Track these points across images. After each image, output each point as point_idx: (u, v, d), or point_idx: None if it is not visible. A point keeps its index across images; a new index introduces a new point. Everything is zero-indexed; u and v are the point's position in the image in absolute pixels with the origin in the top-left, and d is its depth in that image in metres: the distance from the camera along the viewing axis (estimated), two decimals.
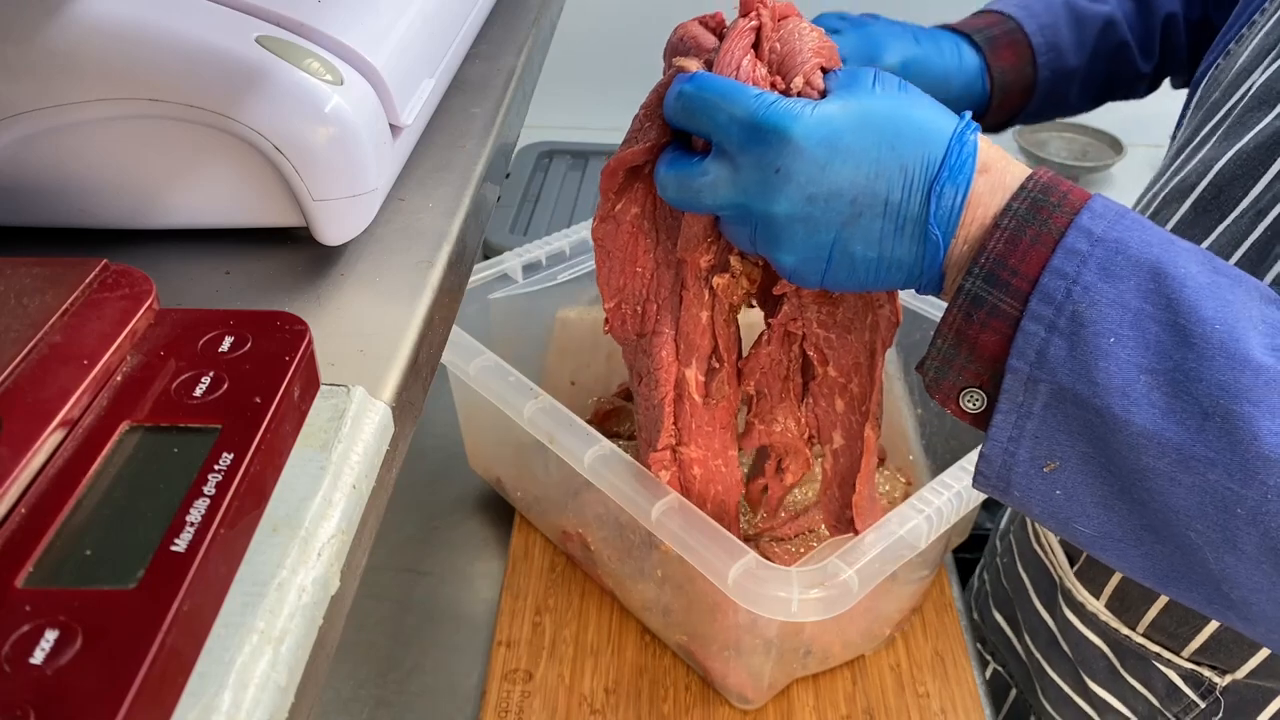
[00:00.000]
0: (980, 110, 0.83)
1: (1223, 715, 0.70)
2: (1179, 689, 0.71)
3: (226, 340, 0.30)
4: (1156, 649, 0.71)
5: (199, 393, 0.28)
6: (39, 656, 0.21)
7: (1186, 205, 0.66)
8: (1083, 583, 0.75)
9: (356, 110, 0.37)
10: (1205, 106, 0.70)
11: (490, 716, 0.77)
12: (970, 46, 0.82)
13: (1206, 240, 0.64)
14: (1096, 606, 0.74)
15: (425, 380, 0.38)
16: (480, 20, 0.56)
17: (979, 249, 0.44)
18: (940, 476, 0.69)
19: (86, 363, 0.27)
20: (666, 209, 0.59)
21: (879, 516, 0.65)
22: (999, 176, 0.45)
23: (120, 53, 0.35)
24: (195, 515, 0.24)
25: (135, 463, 0.26)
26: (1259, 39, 0.67)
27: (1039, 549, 0.81)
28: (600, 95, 1.78)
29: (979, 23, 0.84)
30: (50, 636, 0.21)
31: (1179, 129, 0.75)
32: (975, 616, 0.93)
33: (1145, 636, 0.71)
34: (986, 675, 0.89)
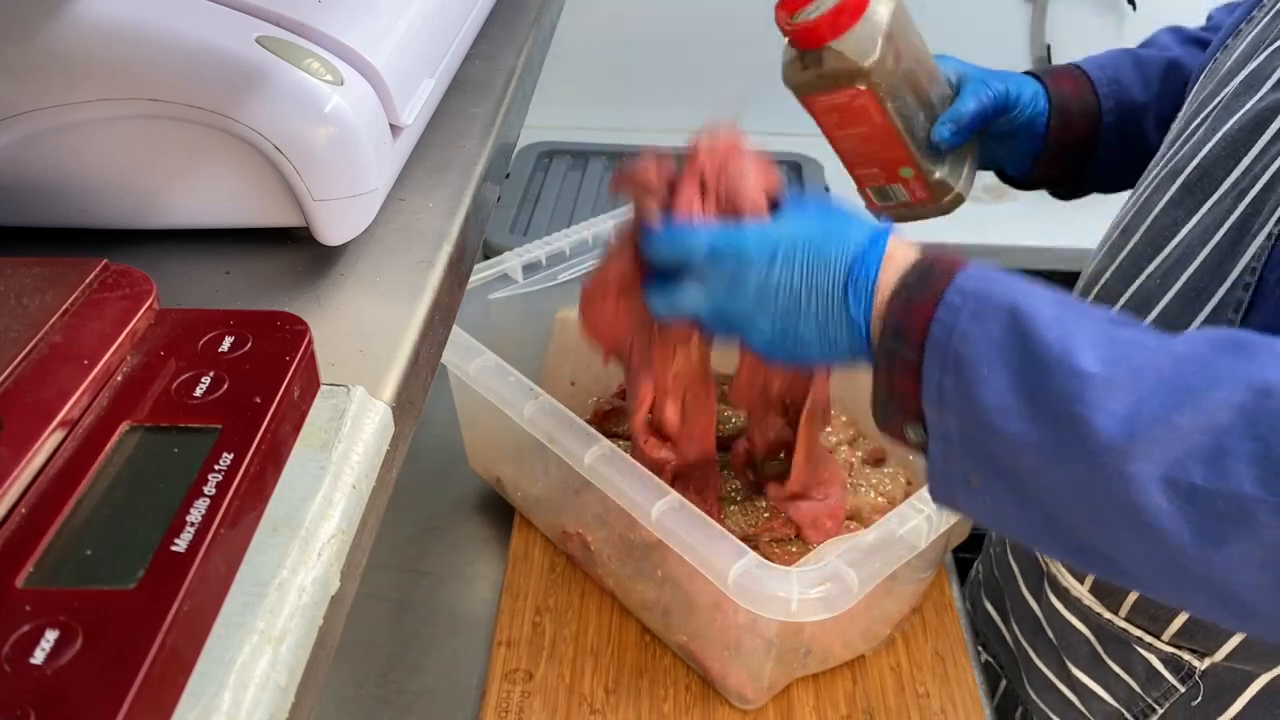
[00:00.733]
0: (1042, 132, 0.86)
1: (1201, 700, 0.70)
2: (1159, 673, 0.72)
3: (226, 340, 0.30)
4: (1138, 633, 0.72)
5: (199, 393, 0.28)
6: (39, 656, 0.21)
7: (1175, 188, 0.68)
8: (1067, 567, 0.76)
9: (356, 110, 0.37)
10: (1200, 98, 0.71)
11: (490, 716, 0.77)
12: (1030, 77, 0.86)
13: (1191, 221, 0.65)
14: (1081, 591, 0.74)
15: (425, 380, 0.38)
16: (480, 20, 0.56)
17: (884, 314, 0.55)
18: None
19: (87, 363, 0.27)
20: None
21: (835, 479, 0.78)
22: (902, 263, 0.56)
23: (120, 53, 0.35)
24: (195, 515, 0.24)
25: (135, 463, 0.26)
26: (1254, 34, 0.69)
27: None
28: (600, 95, 1.78)
29: (1036, 69, 0.88)
30: (50, 636, 0.21)
31: (1177, 120, 0.76)
32: (969, 607, 0.94)
33: (1127, 620, 0.72)
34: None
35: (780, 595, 0.60)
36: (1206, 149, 0.66)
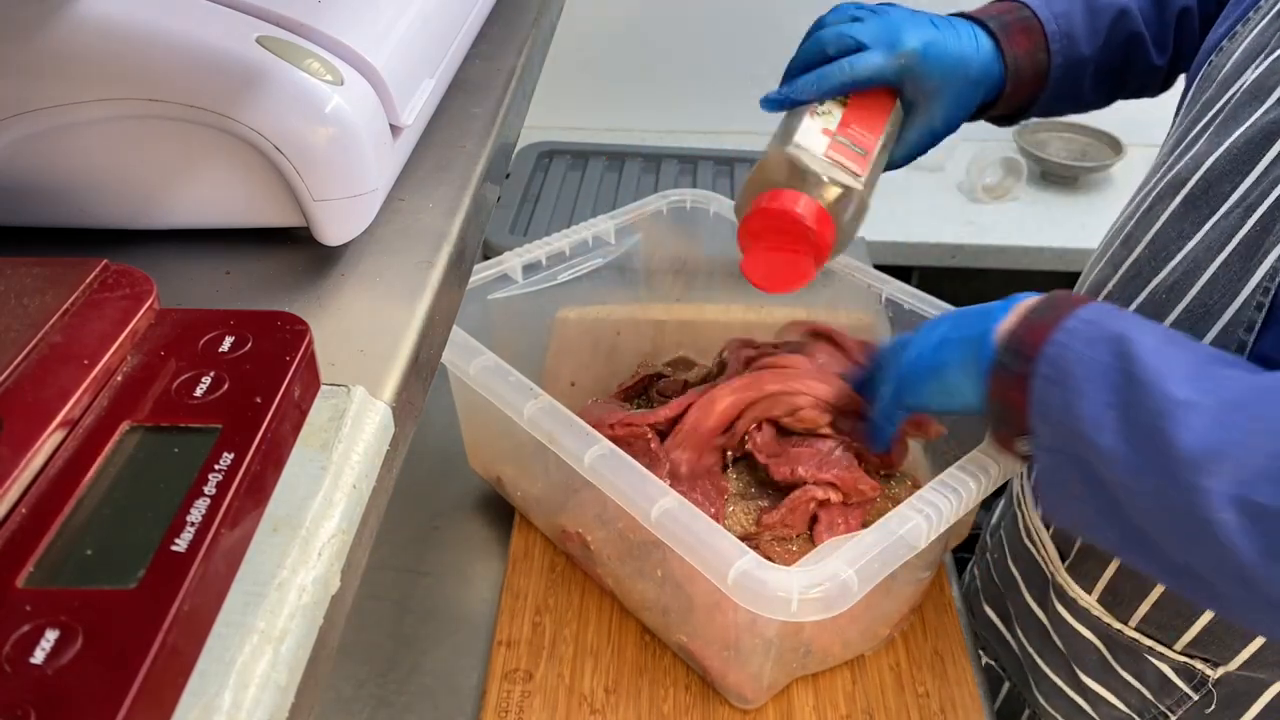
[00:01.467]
0: (994, 95, 0.82)
1: (1215, 707, 0.70)
2: (1171, 681, 0.71)
3: (227, 340, 0.30)
4: (1149, 642, 0.71)
5: (199, 393, 0.28)
6: (39, 656, 0.21)
7: (1178, 199, 0.67)
8: (1074, 578, 0.75)
9: (356, 110, 0.37)
10: (1199, 104, 0.70)
11: (490, 716, 0.77)
12: (985, 32, 0.81)
13: (1197, 235, 0.64)
14: (1089, 601, 0.74)
15: (425, 380, 0.38)
16: (480, 20, 0.56)
17: (1010, 334, 0.60)
18: (940, 477, 0.69)
19: (87, 363, 0.27)
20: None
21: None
22: (1032, 302, 0.62)
23: (120, 53, 0.35)
24: (195, 515, 0.24)
25: (136, 463, 0.26)
26: (1253, 36, 0.67)
27: (1030, 544, 0.81)
28: (600, 95, 1.78)
29: (994, 10, 0.83)
30: (50, 636, 0.21)
31: (1174, 125, 0.76)
32: (967, 610, 0.94)
33: (1137, 630, 0.71)
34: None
35: (780, 595, 0.60)
36: (1211, 160, 0.65)
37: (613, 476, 0.69)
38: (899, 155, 0.82)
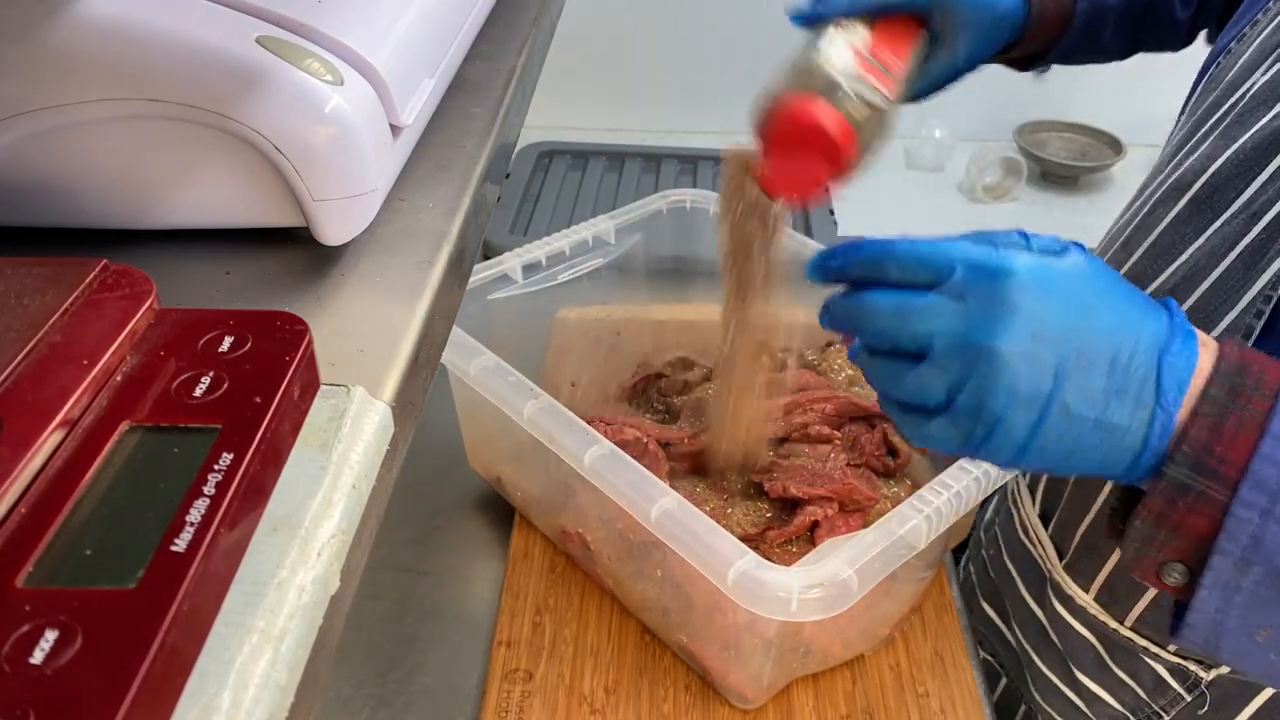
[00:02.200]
0: (1017, 34, 0.79)
1: (1208, 709, 0.70)
2: (1165, 682, 0.71)
3: (226, 340, 0.30)
4: (1144, 642, 0.71)
5: (199, 393, 0.28)
6: (39, 656, 0.21)
7: (1182, 203, 0.66)
8: (1072, 576, 0.75)
9: (356, 110, 0.37)
10: (1205, 105, 0.70)
11: (490, 716, 0.77)
12: None
13: (1199, 240, 0.64)
14: (1086, 599, 0.74)
15: (425, 380, 0.38)
16: (480, 20, 0.56)
17: (1179, 436, 0.44)
18: (940, 476, 0.69)
19: (86, 363, 0.27)
20: None
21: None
22: (1204, 365, 0.45)
23: (120, 53, 0.35)
24: (195, 515, 0.24)
25: (135, 463, 0.26)
26: (1262, 38, 0.67)
27: (1027, 542, 0.82)
28: (600, 95, 1.78)
29: None
30: (50, 636, 0.21)
31: (1177, 126, 0.75)
32: (965, 608, 0.94)
33: (1133, 630, 0.72)
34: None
35: (779, 595, 0.60)
36: (1217, 165, 0.64)
37: (612, 477, 0.69)
38: (921, 87, 0.79)
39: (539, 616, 0.85)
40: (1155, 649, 0.71)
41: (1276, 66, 0.63)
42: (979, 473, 0.69)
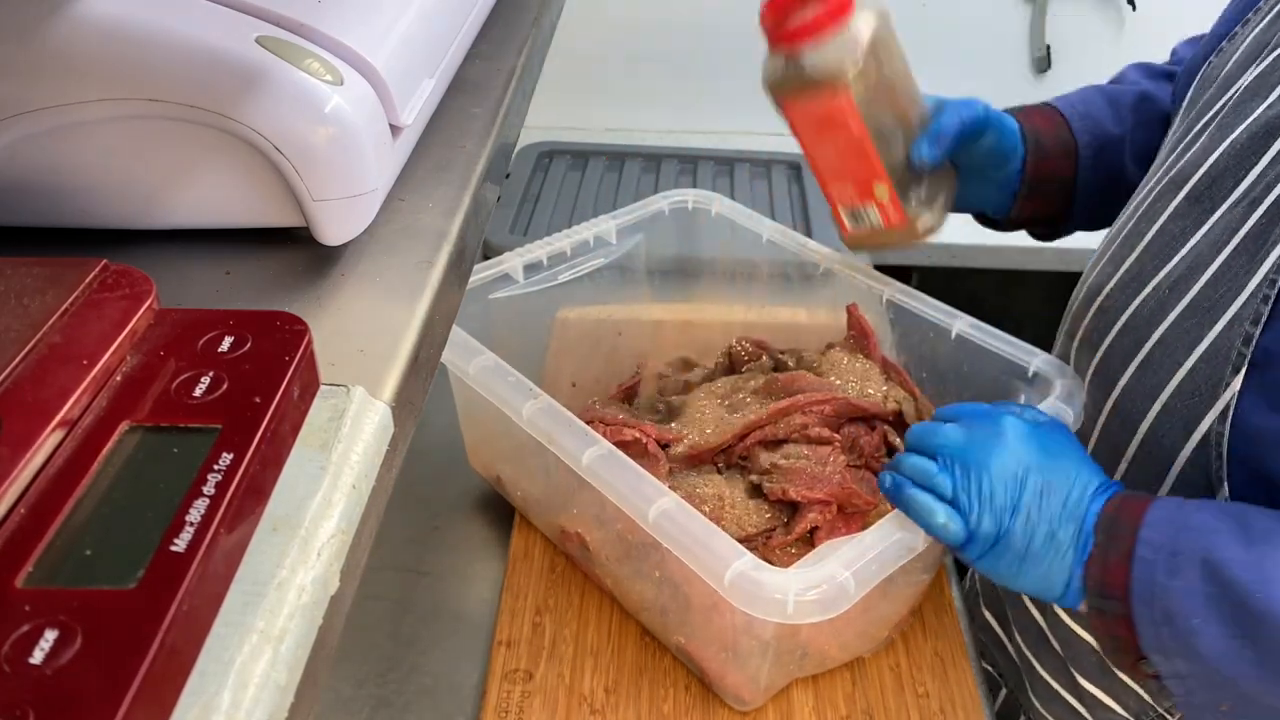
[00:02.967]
0: (1020, 167, 0.84)
1: None
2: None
3: (226, 340, 0.30)
4: None
5: (199, 393, 0.28)
6: (38, 656, 0.21)
7: (1180, 197, 0.67)
8: None
9: (356, 110, 0.37)
10: (1199, 104, 0.70)
11: (490, 716, 0.77)
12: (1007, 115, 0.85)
13: (1200, 231, 0.64)
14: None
15: (425, 380, 0.38)
16: (480, 20, 0.56)
17: (1087, 576, 0.59)
18: None
19: (86, 363, 0.27)
20: None
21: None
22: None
23: (120, 53, 0.35)
24: (195, 515, 0.24)
25: (135, 463, 0.26)
26: (1253, 37, 0.68)
27: None
28: (600, 95, 1.78)
29: (1008, 109, 0.87)
30: (50, 636, 0.21)
31: (1173, 125, 0.76)
32: (967, 615, 0.94)
33: None
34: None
35: (776, 597, 0.60)
36: (1214, 157, 0.65)
37: (611, 477, 0.69)
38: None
39: (539, 616, 0.85)
40: None
41: (1268, 60, 0.64)
42: None
